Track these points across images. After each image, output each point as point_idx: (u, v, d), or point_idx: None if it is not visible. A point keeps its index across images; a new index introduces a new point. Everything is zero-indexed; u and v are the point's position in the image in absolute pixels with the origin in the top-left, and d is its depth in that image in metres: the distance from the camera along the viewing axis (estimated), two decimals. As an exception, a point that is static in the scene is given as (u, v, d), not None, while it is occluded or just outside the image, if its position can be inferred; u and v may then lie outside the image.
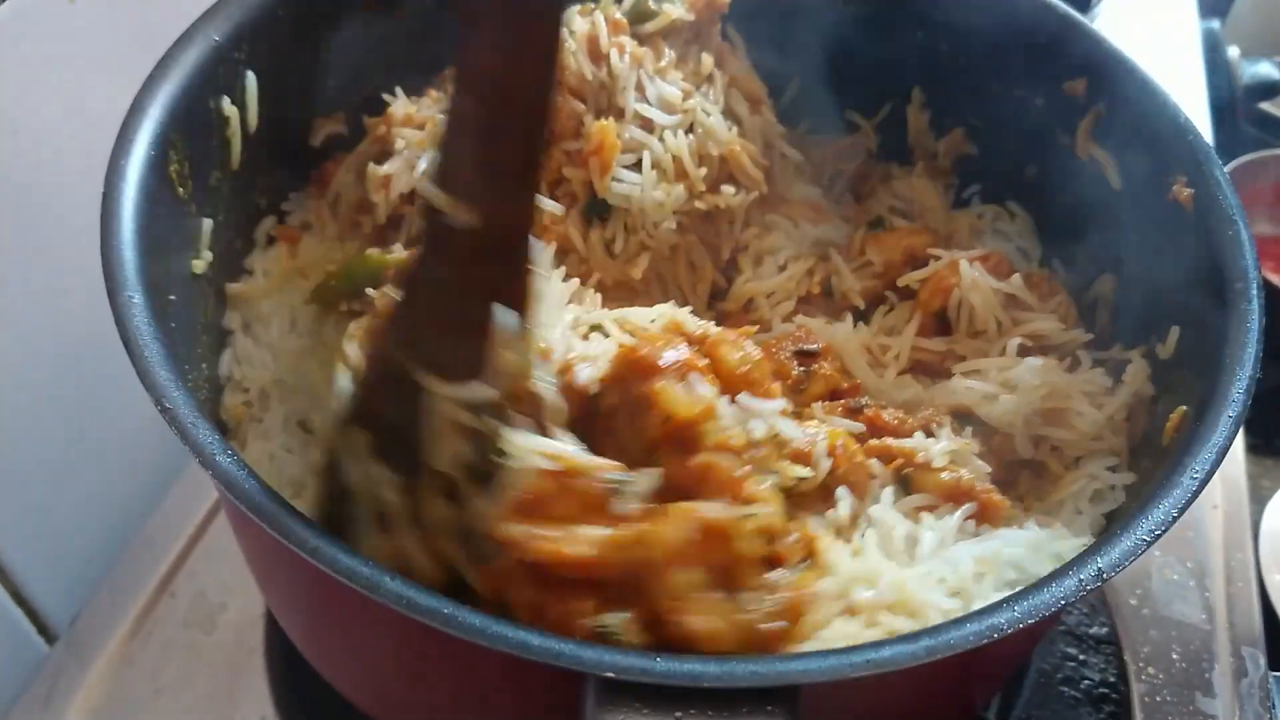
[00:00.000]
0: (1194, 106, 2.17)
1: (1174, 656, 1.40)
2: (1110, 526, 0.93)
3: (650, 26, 1.29)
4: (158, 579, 1.43)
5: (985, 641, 0.78)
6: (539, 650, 0.74)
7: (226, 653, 1.36)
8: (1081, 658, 1.38)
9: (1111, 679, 1.36)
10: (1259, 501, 1.63)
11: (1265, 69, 2.27)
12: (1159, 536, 0.87)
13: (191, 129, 1.09)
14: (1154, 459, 1.06)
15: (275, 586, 1.13)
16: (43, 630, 1.46)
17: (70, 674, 1.34)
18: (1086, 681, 1.36)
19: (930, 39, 1.38)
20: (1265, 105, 2.30)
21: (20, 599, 1.42)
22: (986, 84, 1.36)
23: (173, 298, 1.04)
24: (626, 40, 1.26)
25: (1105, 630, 1.41)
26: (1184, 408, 1.03)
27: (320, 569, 0.77)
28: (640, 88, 1.24)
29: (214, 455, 0.84)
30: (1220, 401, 0.96)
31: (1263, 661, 1.40)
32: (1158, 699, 1.36)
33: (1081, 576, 0.84)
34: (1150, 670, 1.38)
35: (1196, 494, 0.90)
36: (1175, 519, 0.88)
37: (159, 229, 1.01)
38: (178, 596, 1.42)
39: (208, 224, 1.14)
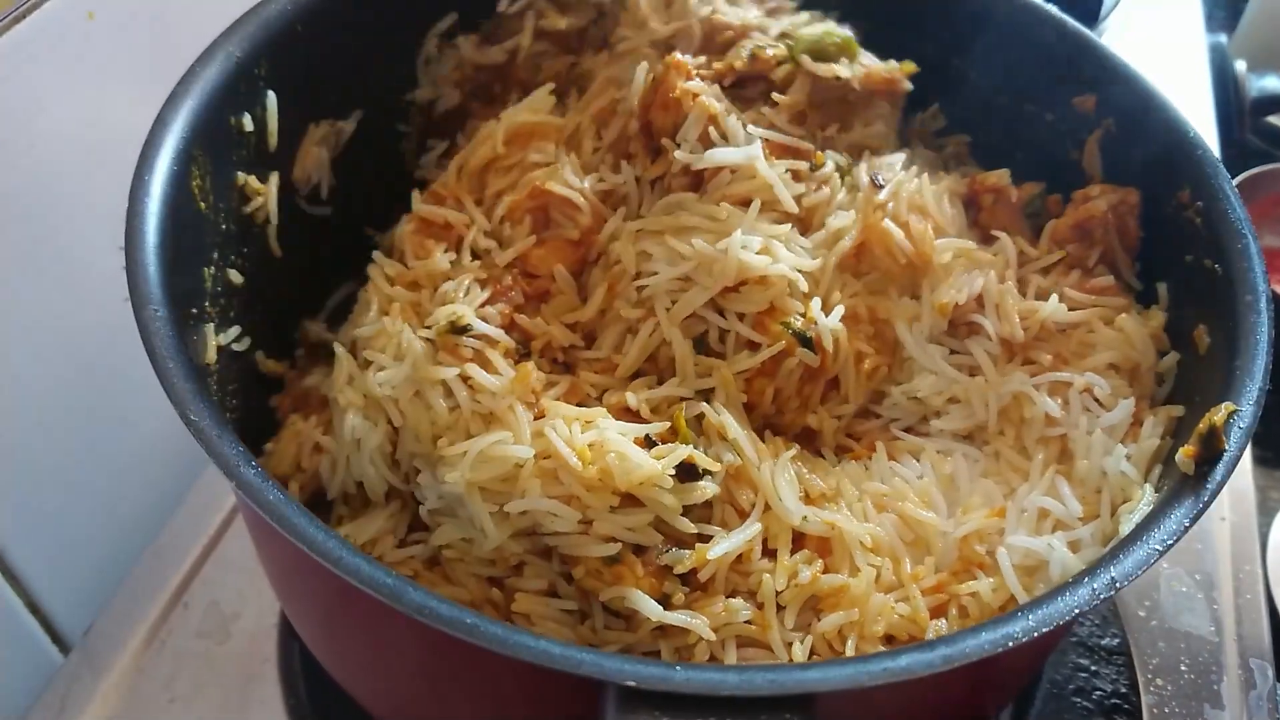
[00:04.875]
0: (1201, 120, 2.18)
1: (1182, 668, 1.40)
2: (1123, 538, 0.94)
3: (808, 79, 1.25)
4: (171, 589, 1.44)
5: (1000, 650, 0.79)
6: (560, 659, 0.75)
7: (240, 662, 1.37)
8: (1093, 668, 1.38)
9: (1123, 689, 1.37)
10: (1267, 514, 1.63)
11: (1272, 83, 2.27)
12: (1171, 546, 0.87)
13: (213, 144, 1.10)
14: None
15: (294, 595, 1.13)
16: (57, 640, 1.47)
17: (84, 683, 1.35)
18: (1098, 692, 1.36)
19: (941, 54, 1.39)
20: (1272, 119, 2.30)
21: (34, 609, 1.43)
22: (996, 99, 1.37)
23: (194, 310, 1.05)
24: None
25: (1117, 641, 1.41)
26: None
27: (343, 579, 0.78)
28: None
29: (238, 467, 0.85)
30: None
31: (1271, 673, 1.40)
32: (1166, 711, 1.36)
33: (1095, 586, 0.84)
34: (1159, 682, 1.38)
35: (1209, 504, 0.91)
36: (1187, 529, 0.89)
37: (181, 243, 1.02)
38: (191, 606, 1.43)
39: (226, 238, 1.14)
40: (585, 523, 1.00)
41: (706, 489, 1.02)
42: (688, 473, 1.02)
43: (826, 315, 1.12)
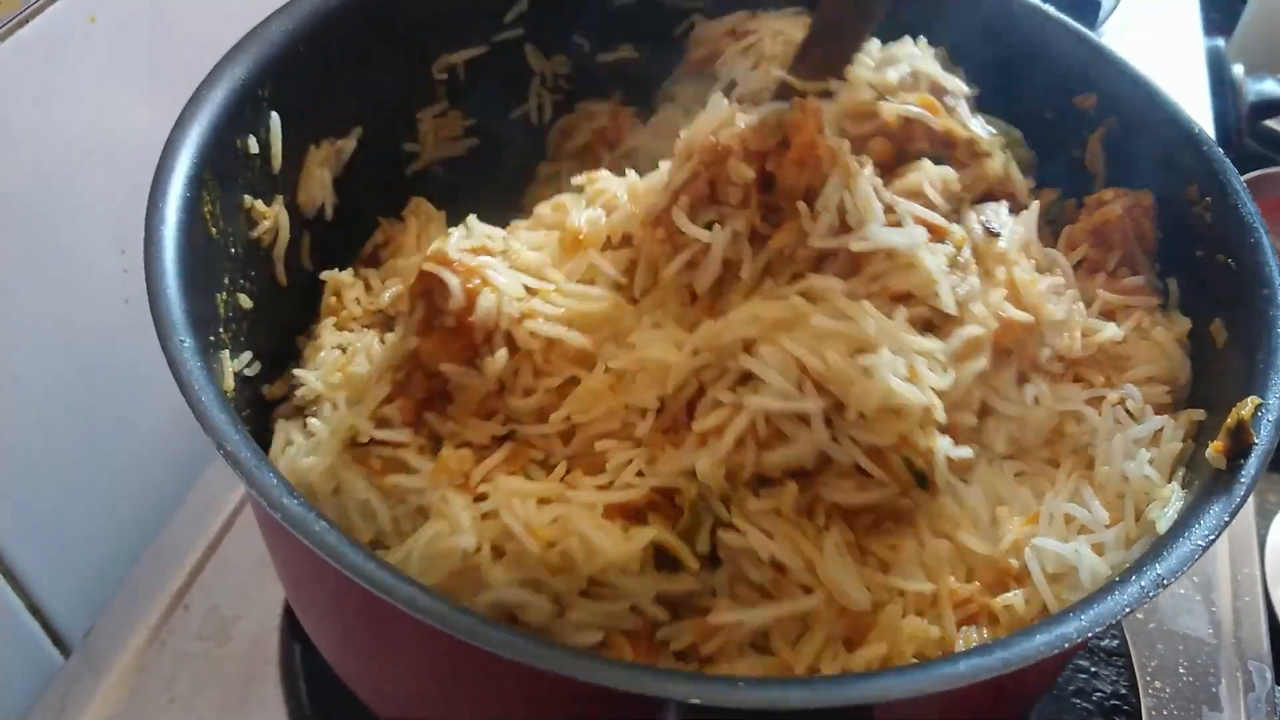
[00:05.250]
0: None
1: (1181, 670, 1.41)
2: (1163, 536, 0.95)
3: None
4: (172, 591, 1.44)
5: (1056, 651, 0.79)
6: (624, 679, 0.74)
7: (240, 664, 1.37)
8: (1093, 669, 1.38)
9: (1123, 691, 1.37)
10: (1265, 516, 1.63)
11: (1270, 87, 2.28)
12: (1213, 541, 0.88)
13: (221, 168, 1.08)
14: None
15: (321, 614, 1.11)
16: (57, 642, 1.47)
17: (84, 685, 1.35)
18: (1098, 693, 1.37)
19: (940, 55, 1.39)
20: (1269, 123, 2.31)
21: (35, 610, 1.43)
22: (994, 99, 1.37)
23: (211, 338, 1.04)
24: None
25: (1116, 642, 1.41)
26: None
27: (399, 609, 0.76)
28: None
29: (281, 499, 0.83)
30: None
31: (1269, 676, 1.41)
32: (1165, 713, 1.36)
33: (1143, 584, 0.85)
34: (1157, 684, 1.39)
35: (1246, 497, 0.92)
36: (1228, 523, 0.89)
37: (197, 270, 1.01)
38: (192, 608, 1.42)
39: (235, 262, 1.13)
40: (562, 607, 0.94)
41: (688, 581, 0.95)
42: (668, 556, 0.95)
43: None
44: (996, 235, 1.13)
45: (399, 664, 1.00)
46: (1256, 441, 0.94)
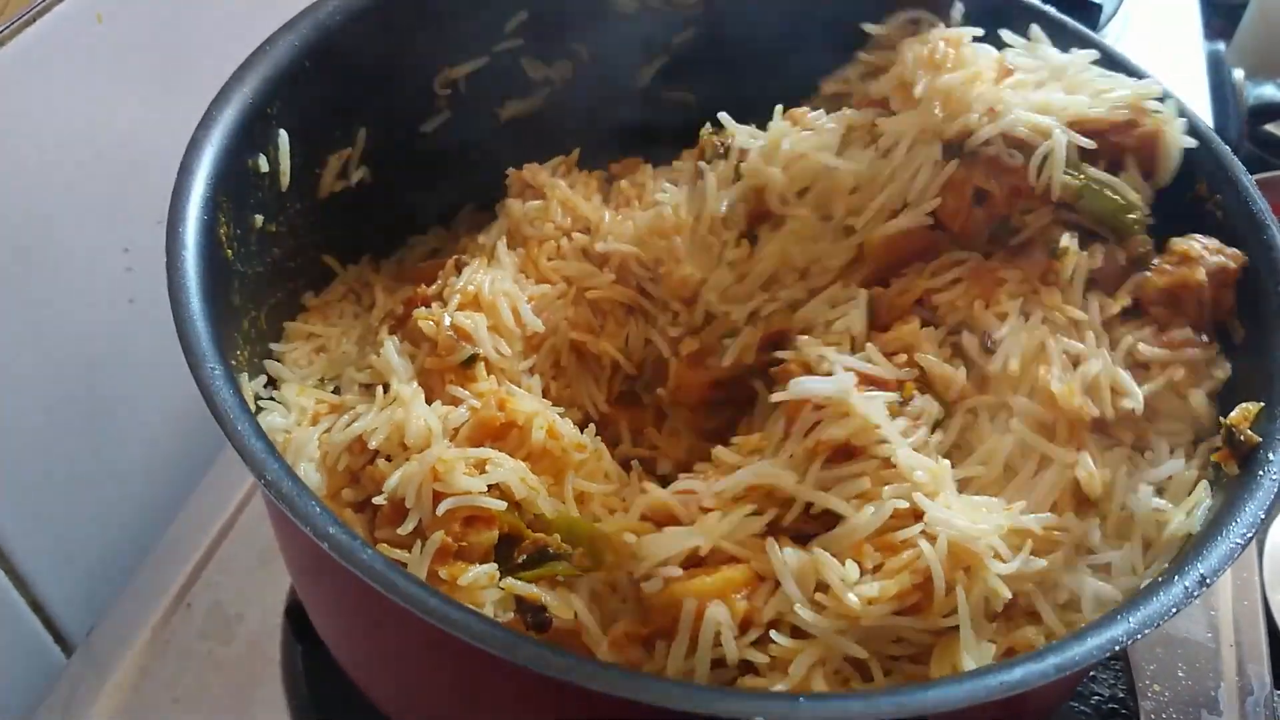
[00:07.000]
0: (1199, 128, 2.19)
1: (1180, 674, 1.40)
2: (1200, 534, 0.95)
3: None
4: (175, 590, 1.44)
5: (1106, 654, 0.80)
6: (681, 698, 0.74)
7: (243, 663, 1.37)
8: (1092, 673, 1.38)
9: (1121, 694, 1.37)
10: (1264, 520, 1.64)
11: (1270, 91, 2.29)
12: (1251, 539, 0.89)
13: (234, 189, 1.08)
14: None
15: (358, 637, 1.11)
16: (60, 640, 1.47)
17: (88, 684, 1.35)
18: (1096, 697, 1.37)
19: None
20: (1269, 127, 2.31)
21: (38, 609, 1.44)
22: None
23: (233, 362, 1.03)
24: None
25: (1115, 646, 1.41)
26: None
27: (461, 640, 0.76)
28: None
29: (326, 528, 0.82)
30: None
31: (1268, 680, 1.40)
32: (1164, 716, 1.36)
33: (1186, 583, 0.85)
34: (1156, 688, 1.39)
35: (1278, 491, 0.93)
36: (1262, 519, 0.90)
37: (217, 293, 1.00)
38: (195, 607, 1.43)
39: (244, 282, 1.13)
40: None
41: None
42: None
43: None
44: (992, 352, 1.07)
45: (447, 693, 1.00)
46: (1259, 439, 0.96)
